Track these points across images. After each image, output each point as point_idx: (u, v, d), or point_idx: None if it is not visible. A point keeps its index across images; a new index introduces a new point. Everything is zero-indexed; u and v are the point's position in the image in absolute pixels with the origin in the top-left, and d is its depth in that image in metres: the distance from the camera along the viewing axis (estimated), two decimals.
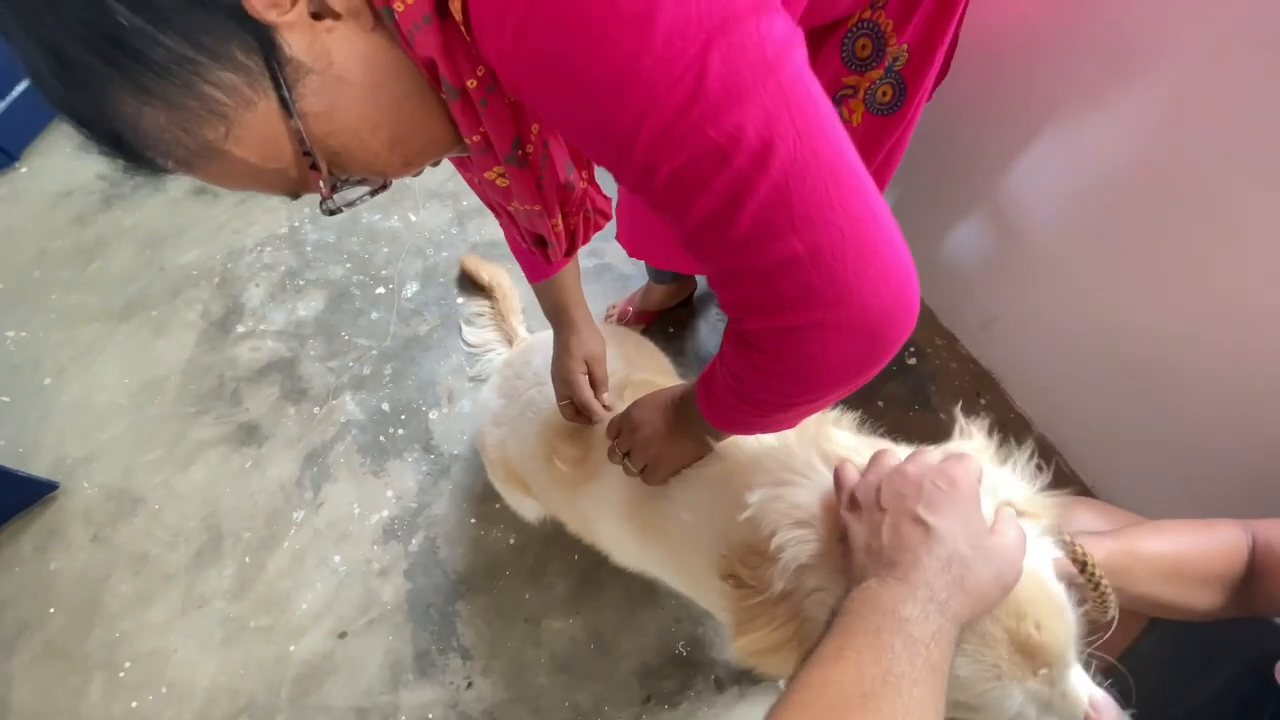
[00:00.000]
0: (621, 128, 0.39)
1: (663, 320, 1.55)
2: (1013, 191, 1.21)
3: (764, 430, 0.59)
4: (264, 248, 1.74)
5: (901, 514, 0.49)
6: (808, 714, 0.40)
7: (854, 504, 0.53)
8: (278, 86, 0.40)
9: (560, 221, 0.67)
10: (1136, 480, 1.18)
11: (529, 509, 1.22)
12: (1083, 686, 0.50)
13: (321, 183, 0.46)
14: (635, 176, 0.42)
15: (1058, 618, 0.49)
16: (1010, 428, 1.38)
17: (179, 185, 1.87)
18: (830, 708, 0.40)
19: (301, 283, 1.67)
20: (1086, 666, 0.52)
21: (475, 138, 0.51)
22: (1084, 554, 0.58)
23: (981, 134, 1.21)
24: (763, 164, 0.39)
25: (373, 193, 0.50)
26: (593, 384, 0.87)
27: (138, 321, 1.64)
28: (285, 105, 0.41)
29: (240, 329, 1.61)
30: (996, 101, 1.14)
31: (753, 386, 0.51)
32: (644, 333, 1.46)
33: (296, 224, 1.77)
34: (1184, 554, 0.62)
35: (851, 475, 0.56)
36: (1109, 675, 0.54)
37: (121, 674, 1.25)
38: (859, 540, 0.51)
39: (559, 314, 0.88)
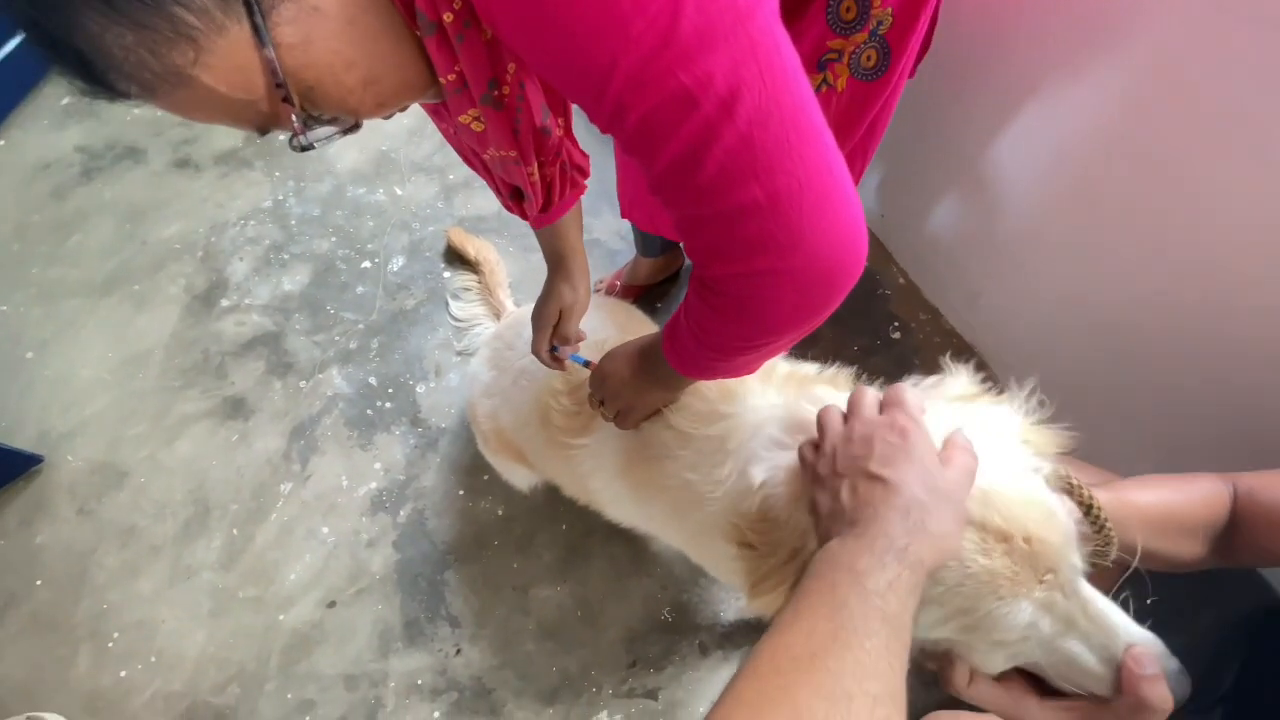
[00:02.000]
0: (596, 66, 0.39)
1: (650, 295, 1.56)
2: (994, 167, 1.22)
3: (726, 375, 0.62)
4: (248, 221, 1.72)
5: (858, 474, 0.50)
6: (758, 681, 0.40)
7: (816, 477, 0.55)
8: (251, 13, 0.40)
9: (536, 170, 0.68)
10: (1118, 446, 1.20)
11: (521, 478, 1.23)
12: (1115, 613, 0.50)
13: (294, 118, 0.46)
14: (608, 117, 0.42)
15: (1048, 523, 0.49)
16: None
17: (160, 158, 1.84)
18: (778, 671, 0.40)
19: (286, 257, 1.66)
20: (1125, 607, 0.52)
21: (450, 76, 0.51)
22: (1089, 496, 0.59)
23: (963, 110, 1.21)
24: (729, 112, 0.40)
25: (344, 132, 0.50)
26: (560, 335, 0.88)
27: (119, 296, 1.62)
28: (258, 33, 0.40)
29: (224, 303, 1.60)
30: (978, 76, 1.15)
31: (713, 332, 0.53)
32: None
33: (281, 197, 1.75)
34: (1170, 504, 0.64)
35: (809, 453, 0.57)
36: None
37: (110, 645, 1.25)
38: (824, 507, 0.52)
39: (554, 261, 0.88)
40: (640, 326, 1.09)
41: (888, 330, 1.50)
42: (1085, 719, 0.49)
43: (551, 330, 0.87)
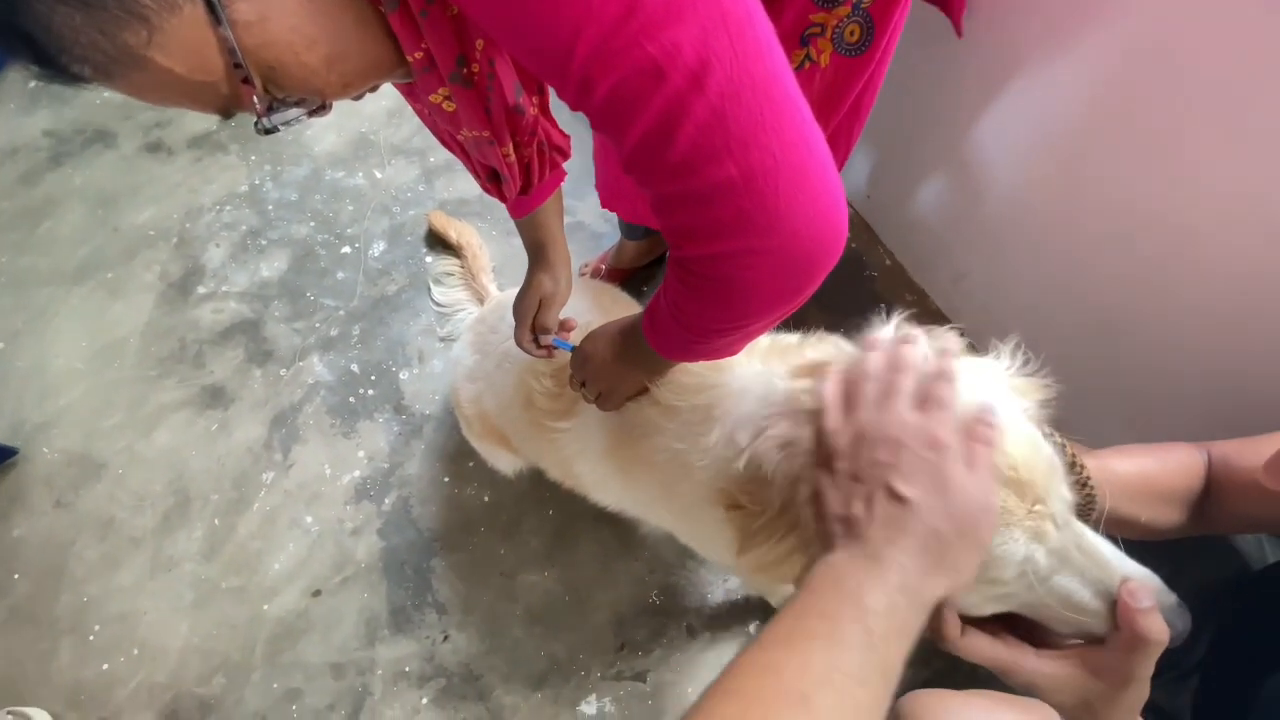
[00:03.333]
0: (559, 39, 0.38)
1: (636, 278, 1.54)
2: (980, 147, 1.21)
3: (706, 358, 0.60)
4: (223, 206, 1.68)
5: (877, 485, 0.45)
6: (741, 703, 0.37)
7: (828, 462, 0.49)
8: None
9: (512, 151, 0.66)
10: (1101, 420, 1.21)
11: (505, 463, 1.22)
12: (1107, 547, 0.48)
13: (255, 99, 0.44)
14: (575, 92, 0.41)
15: (1035, 454, 0.48)
16: None
17: (130, 142, 1.79)
18: (761, 699, 0.37)
19: (264, 242, 1.62)
20: (1116, 542, 0.50)
21: (418, 54, 0.49)
22: (1072, 453, 0.59)
23: (949, 89, 1.20)
24: (699, 84, 0.38)
25: (311, 114, 0.48)
26: (540, 324, 0.87)
27: (92, 284, 1.59)
28: (213, 10, 0.39)
29: (201, 290, 1.56)
30: (965, 54, 1.13)
31: (692, 313, 0.52)
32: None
33: (257, 182, 1.71)
34: (1148, 472, 0.64)
35: (830, 420, 0.51)
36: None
37: (91, 637, 1.24)
38: (833, 507, 0.47)
39: (534, 251, 0.87)
40: (625, 309, 1.08)
41: (874, 312, 1.50)
42: (1082, 664, 0.47)
43: (532, 320, 0.86)
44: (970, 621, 0.50)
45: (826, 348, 0.65)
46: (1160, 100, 0.87)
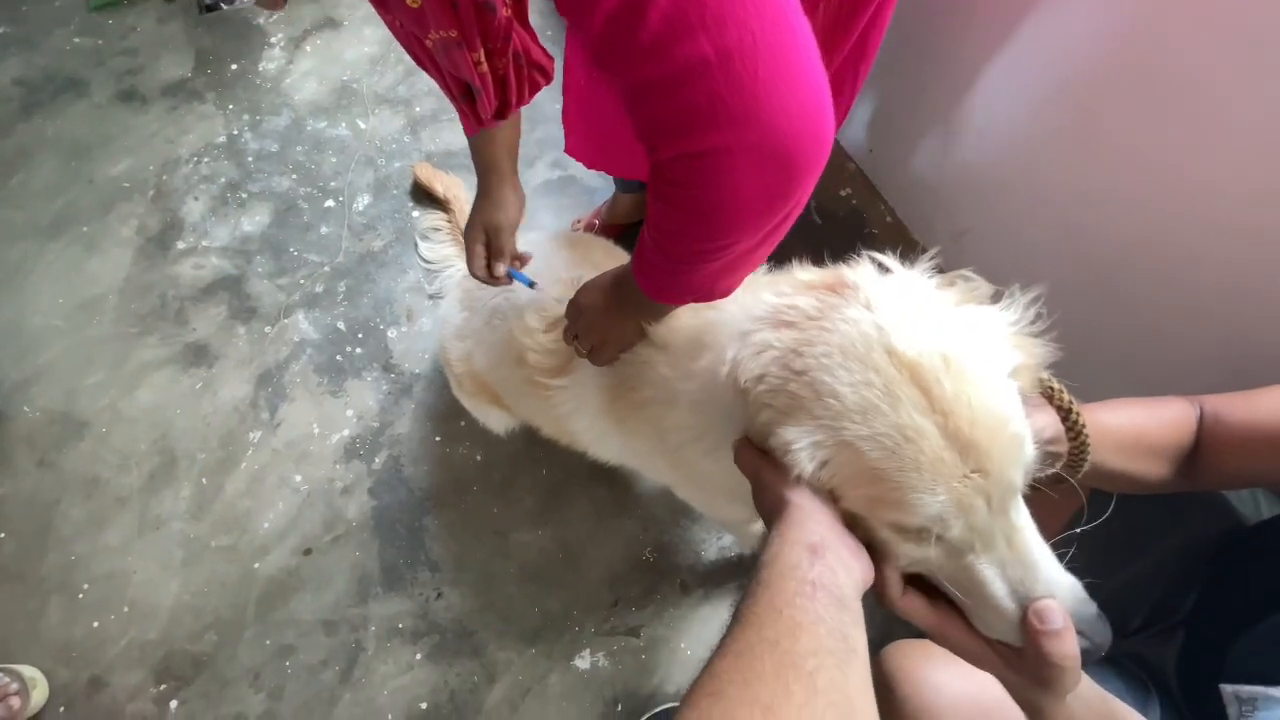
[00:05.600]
0: None
1: (631, 233, 1.50)
2: (986, 98, 1.17)
3: (698, 295, 0.58)
4: (201, 158, 1.62)
5: None
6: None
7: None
8: None
9: (484, 59, 0.62)
10: (1100, 378, 1.19)
11: (497, 421, 1.20)
12: (1042, 552, 0.46)
13: None
14: None
15: (998, 424, 0.44)
16: None
17: (103, 91, 1.71)
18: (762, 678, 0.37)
19: (244, 196, 1.57)
20: (1061, 558, 0.48)
21: None
22: (1069, 401, 0.57)
23: (955, 40, 1.15)
24: None
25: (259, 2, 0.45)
26: (494, 252, 0.85)
27: (68, 238, 1.53)
28: None
29: (181, 245, 1.51)
30: (970, 4, 1.08)
31: (672, 234, 0.50)
32: None
33: (235, 132, 1.64)
34: (1139, 425, 0.63)
35: None
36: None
37: (80, 595, 1.23)
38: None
39: (484, 173, 0.84)
40: (618, 264, 1.05)
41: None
42: (1005, 662, 0.46)
43: (483, 248, 0.84)
44: (915, 586, 0.50)
45: (817, 270, 0.61)
46: (1184, 46, 0.83)
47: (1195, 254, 0.94)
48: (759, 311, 0.53)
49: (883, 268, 0.53)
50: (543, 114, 1.63)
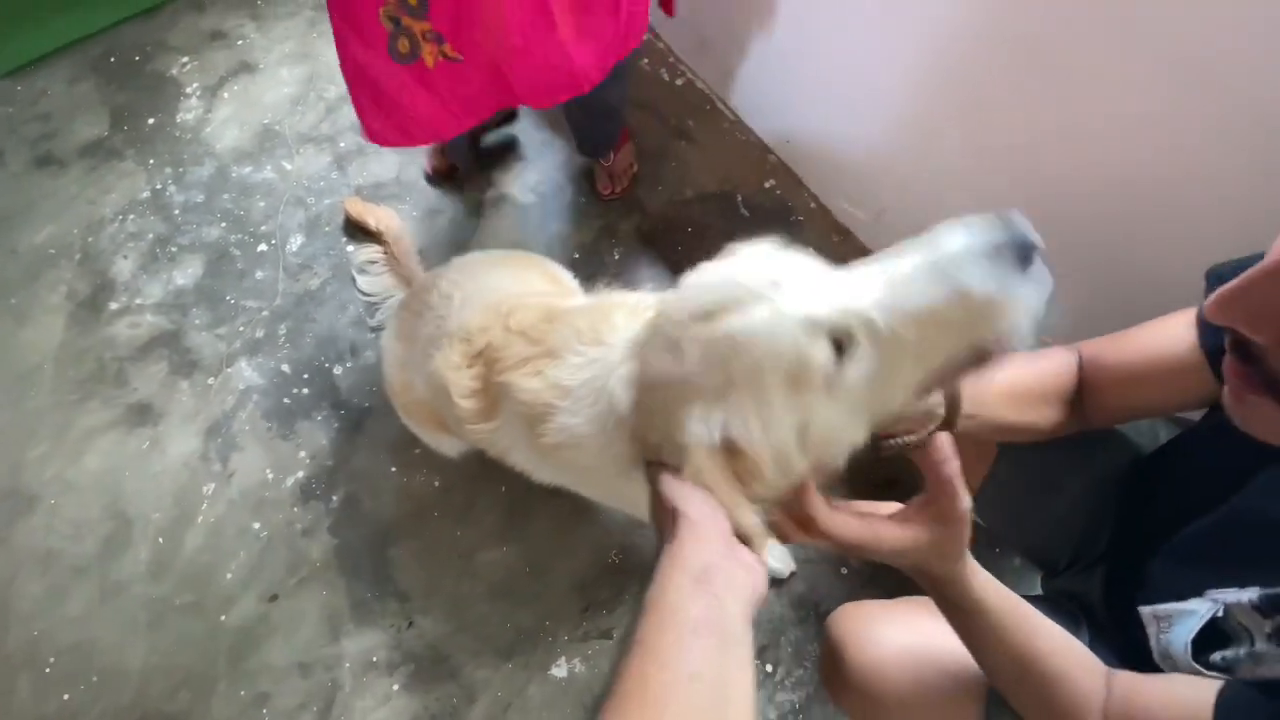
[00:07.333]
0: None
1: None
2: (878, 81, 1.23)
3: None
4: (126, 216, 1.60)
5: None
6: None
7: None
8: None
9: None
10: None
11: (450, 446, 1.21)
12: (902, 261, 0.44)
13: None
14: None
15: (766, 338, 0.44)
16: None
17: (17, 158, 1.68)
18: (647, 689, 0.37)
19: (174, 249, 1.55)
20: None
21: None
22: None
23: (838, 24, 1.20)
24: None
25: None
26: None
27: None
28: None
29: (113, 306, 1.50)
30: None
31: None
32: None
33: (159, 186, 1.63)
34: (1021, 376, 0.68)
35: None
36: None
37: (48, 670, 1.21)
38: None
39: None
40: (541, 277, 1.07)
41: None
42: (927, 530, 0.49)
43: None
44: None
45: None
46: (1051, 14, 0.88)
47: (1089, 205, 1.00)
48: (615, 356, 0.57)
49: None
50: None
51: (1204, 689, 0.51)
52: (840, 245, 1.51)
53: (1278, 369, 0.35)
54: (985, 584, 0.53)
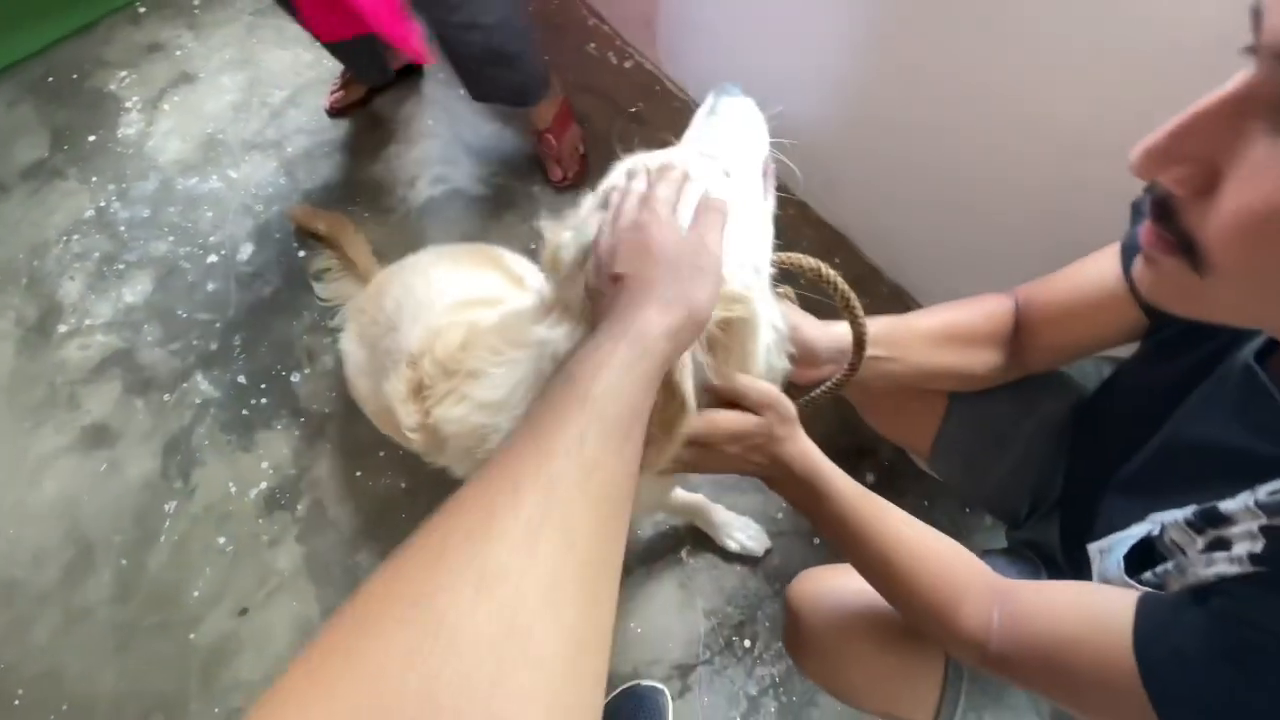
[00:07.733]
0: None
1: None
2: (815, 51, 1.22)
3: None
4: (71, 236, 1.56)
5: (604, 282, 0.49)
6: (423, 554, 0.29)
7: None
8: None
9: None
10: (958, 280, 1.27)
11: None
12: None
13: None
14: None
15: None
16: (866, 280, 1.43)
17: None
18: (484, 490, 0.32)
19: (122, 266, 1.52)
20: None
21: None
22: (844, 292, 0.61)
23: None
24: None
25: None
26: None
27: None
28: None
29: (63, 328, 1.46)
30: None
31: None
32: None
33: (103, 204, 1.59)
34: (952, 320, 0.67)
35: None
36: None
37: (16, 703, 1.18)
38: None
39: None
40: (491, 266, 1.06)
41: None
42: (768, 417, 0.54)
43: None
44: None
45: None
46: None
47: (1020, 157, 1.00)
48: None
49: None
50: (420, 131, 1.63)
51: (1124, 594, 0.49)
52: (797, 218, 1.49)
53: (1193, 225, 0.33)
54: (835, 470, 0.56)
